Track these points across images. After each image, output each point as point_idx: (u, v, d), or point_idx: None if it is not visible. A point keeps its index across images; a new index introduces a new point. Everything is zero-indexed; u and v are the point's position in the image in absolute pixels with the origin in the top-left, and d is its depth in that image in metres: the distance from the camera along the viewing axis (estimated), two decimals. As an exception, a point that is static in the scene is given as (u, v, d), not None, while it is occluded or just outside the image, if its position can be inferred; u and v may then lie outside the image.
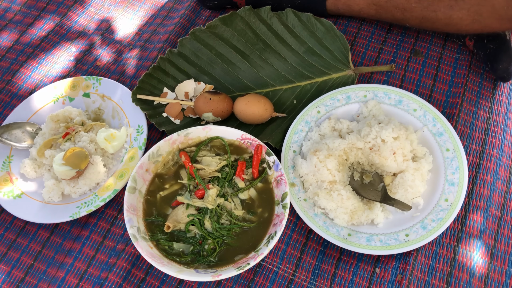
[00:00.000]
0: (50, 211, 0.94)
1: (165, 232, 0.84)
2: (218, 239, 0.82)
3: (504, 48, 0.97)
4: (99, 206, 0.92)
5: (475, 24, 0.93)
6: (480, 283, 0.82)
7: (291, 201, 0.87)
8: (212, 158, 0.89)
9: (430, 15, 0.97)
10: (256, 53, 1.07)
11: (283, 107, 1.02)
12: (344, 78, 1.04)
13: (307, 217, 0.86)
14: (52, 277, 0.90)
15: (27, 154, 1.02)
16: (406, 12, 1.00)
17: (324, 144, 0.88)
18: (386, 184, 0.88)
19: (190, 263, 0.81)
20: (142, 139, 0.97)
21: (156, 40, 1.18)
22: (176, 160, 0.91)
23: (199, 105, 0.98)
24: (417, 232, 0.83)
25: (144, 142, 0.97)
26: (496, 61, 0.98)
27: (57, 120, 1.02)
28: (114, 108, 1.05)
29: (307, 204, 0.88)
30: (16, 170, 1.00)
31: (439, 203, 0.85)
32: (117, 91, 1.05)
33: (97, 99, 1.07)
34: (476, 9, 0.90)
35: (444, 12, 0.94)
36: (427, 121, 0.93)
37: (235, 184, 0.87)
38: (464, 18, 0.93)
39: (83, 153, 0.95)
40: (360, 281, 0.84)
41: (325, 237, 0.84)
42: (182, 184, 0.89)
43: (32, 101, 1.07)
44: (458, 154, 0.88)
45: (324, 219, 0.86)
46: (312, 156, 0.87)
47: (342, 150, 0.88)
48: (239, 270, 0.76)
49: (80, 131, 0.99)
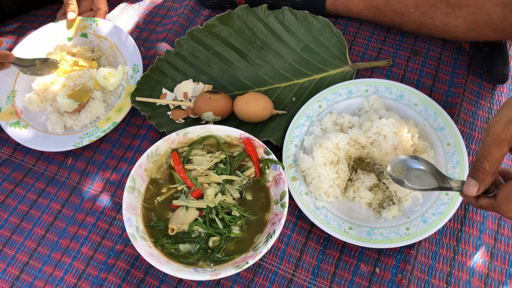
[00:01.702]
0: (54, 141, 1.02)
1: (169, 235, 0.84)
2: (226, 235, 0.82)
3: (499, 52, 0.98)
4: (99, 137, 1.00)
5: (471, 32, 0.94)
6: (480, 283, 0.82)
7: (293, 195, 0.87)
8: (203, 156, 0.89)
9: (427, 22, 0.98)
10: (254, 51, 1.07)
11: (282, 105, 1.02)
12: (342, 75, 1.04)
13: (308, 211, 0.86)
14: (49, 276, 0.89)
15: (29, 89, 1.09)
16: (404, 17, 1.01)
17: (327, 139, 0.88)
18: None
19: (197, 262, 0.81)
20: (138, 77, 1.05)
21: (154, 39, 1.18)
22: (170, 163, 0.91)
23: (199, 105, 0.97)
24: (418, 226, 0.83)
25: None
26: (492, 64, 0.99)
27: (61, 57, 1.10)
28: (111, 48, 1.12)
29: (309, 198, 0.88)
30: (21, 104, 1.08)
31: (440, 197, 0.85)
32: (113, 32, 1.12)
33: (94, 39, 1.14)
34: (472, 18, 0.91)
35: (441, 19, 0.95)
36: (428, 115, 0.93)
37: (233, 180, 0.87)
38: (460, 26, 0.94)
39: (85, 88, 1.03)
40: (360, 281, 0.83)
41: (326, 230, 0.83)
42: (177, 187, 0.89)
43: (31, 39, 1.12)
44: (459, 149, 0.89)
45: (326, 213, 0.86)
46: (318, 150, 0.87)
47: (346, 143, 0.88)
48: (237, 269, 0.76)
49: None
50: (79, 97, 1.02)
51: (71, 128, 1.04)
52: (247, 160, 0.90)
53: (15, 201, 0.99)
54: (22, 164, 1.04)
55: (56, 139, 1.02)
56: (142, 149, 1.02)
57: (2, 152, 1.06)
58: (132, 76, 1.06)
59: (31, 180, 1.01)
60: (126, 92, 1.04)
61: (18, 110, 1.06)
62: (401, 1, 1.00)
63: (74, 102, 1.01)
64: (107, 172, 1.01)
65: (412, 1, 0.99)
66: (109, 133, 1.05)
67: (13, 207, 0.98)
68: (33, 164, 1.03)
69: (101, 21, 1.13)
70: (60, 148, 0.99)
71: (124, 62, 1.09)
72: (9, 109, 1.06)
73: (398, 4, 1.00)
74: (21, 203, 0.98)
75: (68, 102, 1.00)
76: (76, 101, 1.01)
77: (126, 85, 1.05)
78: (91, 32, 1.13)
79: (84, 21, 1.13)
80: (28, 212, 0.97)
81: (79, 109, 1.02)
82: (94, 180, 1.00)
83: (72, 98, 1.01)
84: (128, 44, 1.10)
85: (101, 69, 1.05)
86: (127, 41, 1.10)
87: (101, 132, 1.00)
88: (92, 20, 1.13)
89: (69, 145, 0.99)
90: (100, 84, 1.05)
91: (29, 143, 1.01)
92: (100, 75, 1.04)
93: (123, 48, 1.10)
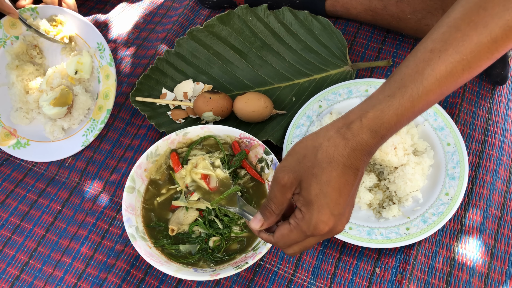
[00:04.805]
0: (61, 146, 1.01)
1: (169, 236, 0.84)
2: (227, 235, 0.82)
3: None
4: (101, 128, 1.01)
5: None
6: (480, 283, 0.82)
7: None
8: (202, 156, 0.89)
9: (423, 28, 0.99)
10: (254, 51, 1.07)
11: (282, 105, 1.02)
12: (343, 75, 1.04)
13: None
14: (49, 276, 0.89)
15: (9, 107, 1.04)
16: (401, 22, 1.02)
17: None
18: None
19: (197, 263, 0.81)
20: (107, 55, 1.01)
21: (154, 39, 1.18)
22: (169, 164, 0.91)
23: (199, 105, 0.97)
24: (418, 226, 0.83)
25: (111, 57, 1.00)
26: (490, 66, 0.98)
27: (16, 66, 1.03)
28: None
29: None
30: (9, 123, 1.04)
31: (440, 197, 0.85)
32: (59, 15, 1.01)
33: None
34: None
35: None
36: (428, 115, 0.93)
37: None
38: None
39: (64, 90, 1.00)
40: (360, 281, 0.83)
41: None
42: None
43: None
44: (459, 149, 0.88)
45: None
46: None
47: None
48: (237, 269, 0.76)
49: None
50: (63, 102, 1.00)
51: (70, 129, 1.04)
52: (239, 170, 0.90)
53: (15, 201, 0.99)
54: (22, 164, 1.04)
55: (62, 144, 1.02)
56: (142, 149, 1.02)
57: (2, 152, 1.06)
58: (101, 56, 1.02)
59: (31, 180, 1.01)
60: (103, 75, 1.02)
61: (11, 130, 1.04)
62: (398, 6, 1.01)
63: (62, 108, 0.99)
64: (107, 172, 1.01)
65: (409, 7, 0.99)
66: (109, 133, 1.05)
67: (13, 207, 0.98)
68: (33, 164, 1.03)
69: (41, 8, 1.00)
70: (71, 152, 1.00)
71: (86, 45, 1.03)
72: (2, 131, 1.03)
73: (396, 9, 1.01)
74: (21, 203, 0.98)
75: (57, 110, 0.99)
76: (63, 106, 0.99)
77: (99, 67, 1.03)
78: (35, 22, 1.00)
79: (24, 12, 1.00)
80: (28, 212, 0.97)
81: (69, 111, 1.01)
82: (94, 180, 1.00)
83: (58, 105, 0.99)
84: (81, 24, 1.01)
85: (68, 62, 1.01)
86: (79, 21, 1.01)
87: (101, 123, 1.00)
88: (30, 9, 1.00)
89: (78, 146, 1.00)
90: (75, 78, 1.02)
91: (39, 158, 1.01)
92: (71, 69, 1.00)
93: (79, 31, 1.02)
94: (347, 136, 0.57)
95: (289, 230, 0.60)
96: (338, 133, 0.57)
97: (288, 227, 0.60)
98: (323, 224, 0.57)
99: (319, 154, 0.57)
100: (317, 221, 0.57)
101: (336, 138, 0.57)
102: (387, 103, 0.57)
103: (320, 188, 0.56)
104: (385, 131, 0.57)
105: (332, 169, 0.56)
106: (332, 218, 0.57)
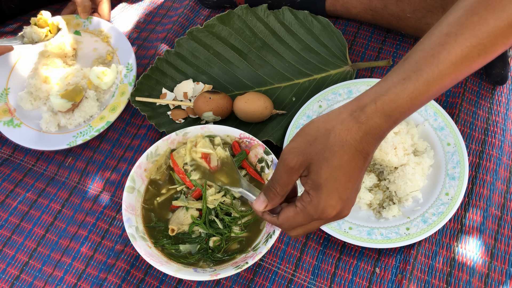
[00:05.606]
0: (48, 139, 1.01)
1: (169, 236, 0.84)
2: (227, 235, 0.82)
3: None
4: (93, 136, 1.00)
5: None
6: (480, 283, 0.82)
7: None
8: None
9: (423, 27, 0.99)
10: (254, 51, 1.07)
11: (282, 105, 1.02)
12: (343, 75, 1.04)
13: None
14: (49, 276, 0.89)
15: (22, 87, 1.08)
16: (401, 21, 1.02)
17: None
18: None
19: (197, 263, 0.81)
20: (132, 76, 1.05)
21: (154, 39, 1.18)
22: (169, 164, 0.91)
23: (199, 105, 0.97)
24: (418, 226, 0.83)
25: (134, 79, 1.05)
26: (490, 66, 0.99)
27: (47, 56, 1.09)
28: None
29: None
30: (14, 102, 1.07)
31: (440, 197, 0.85)
32: (107, 29, 1.11)
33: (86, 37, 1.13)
34: None
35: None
36: (428, 115, 0.93)
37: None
38: None
39: (78, 87, 1.03)
40: (360, 281, 0.83)
41: (326, 230, 0.83)
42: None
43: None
44: (459, 149, 0.89)
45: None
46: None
47: None
48: (237, 269, 0.76)
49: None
50: (72, 97, 1.01)
51: (64, 127, 1.04)
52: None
53: (15, 201, 0.99)
54: (22, 164, 1.04)
55: (50, 137, 1.02)
56: (142, 149, 1.02)
57: (2, 152, 1.06)
58: (125, 75, 1.05)
59: (31, 180, 1.01)
60: (119, 91, 1.04)
61: (11, 108, 1.06)
62: (398, 6, 1.01)
63: (68, 102, 1.00)
64: (107, 172, 1.01)
65: (410, 6, 0.99)
66: (109, 133, 1.05)
67: (13, 207, 0.98)
68: (33, 164, 1.03)
69: (95, 19, 1.12)
70: (54, 147, 1.00)
71: (118, 61, 1.09)
72: (2, 107, 1.05)
73: (396, 8, 1.01)
74: (21, 203, 0.98)
75: (62, 102, 1.00)
76: (69, 100, 1.00)
77: (119, 84, 1.05)
78: (84, 29, 1.13)
79: (77, 18, 1.13)
80: (28, 212, 0.97)
81: (72, 109, 1.02)
82: (94, 180, 1.00)
83: (65, 98, 1.00)
84: (122, 43, 1.09)
85: (94, 68, 1.04)
86: (121, 40, 1.10)
87: (95, 131, 1.00)
88: (86, 17, 1.13)
89: (63, 144, 0.99)
90: (93, 83, 1.05)
91: (23, 142, 1.01)
92: (94, 74, 1.03)
93: (117, 46, 1.10)
94: (361, 119, 0.56)
95: (295, 212, 0.59)
96: (351, 116, 0.56)
97: (294, 209, 0.59)
98: (331, 208, 0.57)
99: (331, 137, 0.56)
100: (325, 205, 0.57)
101: (349, 122, 0.56)
102: (401, 86, 0.56)
103: (331, 172, 0.56)
104: (398, 115, 0.56)
105: (344, 153, 0.56)
106: (340, 202, 0.57)
